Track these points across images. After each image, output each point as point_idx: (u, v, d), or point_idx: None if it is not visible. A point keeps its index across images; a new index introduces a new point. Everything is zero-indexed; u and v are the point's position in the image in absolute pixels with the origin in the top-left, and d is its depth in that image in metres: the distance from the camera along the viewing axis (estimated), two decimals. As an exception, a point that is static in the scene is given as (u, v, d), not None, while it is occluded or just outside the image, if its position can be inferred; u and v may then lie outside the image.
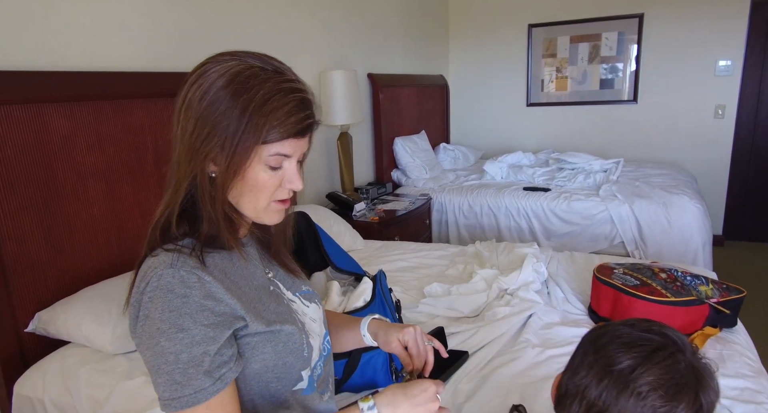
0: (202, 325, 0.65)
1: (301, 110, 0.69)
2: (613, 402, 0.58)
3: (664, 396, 0.57)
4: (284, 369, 0.75)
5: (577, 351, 0.66)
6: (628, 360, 0.59)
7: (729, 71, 3.86)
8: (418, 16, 4.06)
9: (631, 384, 0.57)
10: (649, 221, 2.94)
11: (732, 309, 1.46)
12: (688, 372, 0.58)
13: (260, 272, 0.80)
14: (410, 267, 2.13)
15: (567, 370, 0.66)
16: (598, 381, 0.60)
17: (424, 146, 3.80)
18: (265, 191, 0.72)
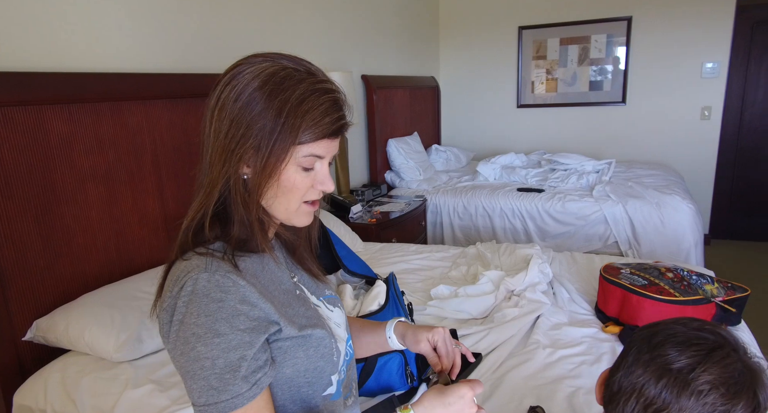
0: (238, 330, 0.64)
1: (335, 110, 0.69)
2: (674, 400, 0.58)
3: (725, 395, 0.57)
4: (315, 373, 0.73)
5: (629, 349, 0.66)
6: (686, 359, 0.59)
7: (715, 73, 3.94)
8: (410, 19, 4.07)
9: (692, 383, 0.58)
10: (642, 221, 2.98)
11: (737, 307, 1.48)
12: (745, 370, 0.59)
13: (286, 276, 0.78)
14: (413, 269, 2.13)
15: (619, 368, 0.66)
16: (657, 379, 0.60)
17: (417, 148, 3.80)
18: (297, 193, 0.71)
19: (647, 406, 0.60)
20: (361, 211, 2.89)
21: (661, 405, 0.59)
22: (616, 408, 0.65)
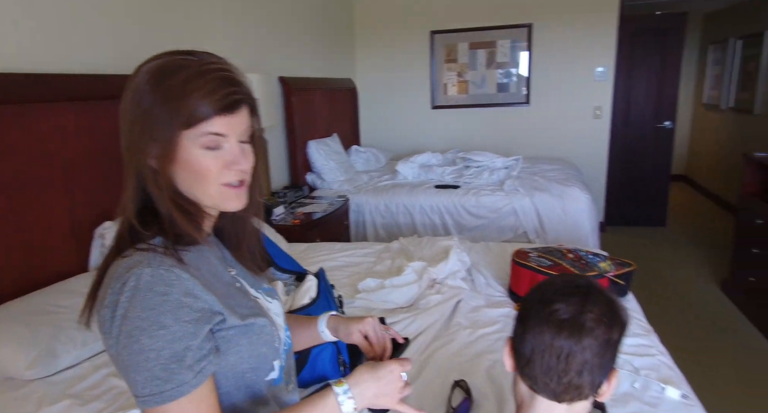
0: (183, 321, 0.66)
1: (223, 86, 0.69)
2: (575, 343, 0.69)
3: (607, 324, 0.70)
4: (258, 359, 0.77)
5: (526, 314, 0.75)
6: (572, 307, 0.70)
7: (604, 77, 4.37)
8: (325, 22, 4.11)
9: (584, 325, 0.69)
10: (547, 212, 3.25)
11: (625, 280, 1.69)
12: (611, 301, 0.73)
13: (224, 270, 0.81)
14: (339, 266, 2.18)
15: (523, 334, 0.75)
16: (557, 331, 0.70)
17: (337, 149, 3.85)
18: (209, 175, 0.71)
19: (558, 356, 0.70)
20: (284, 212, 2.89)
21: (569, 351, 0.69)
22: (533, 368, 0.73)
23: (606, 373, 0.72)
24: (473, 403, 1.21)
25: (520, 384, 0.77)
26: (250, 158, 0.75)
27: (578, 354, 0.69)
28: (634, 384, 1.25)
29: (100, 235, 1.73)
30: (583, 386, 0.71)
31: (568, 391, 0.71)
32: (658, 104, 4.67)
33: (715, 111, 5.64)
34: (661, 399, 1.20)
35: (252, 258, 0.88)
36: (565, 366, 0.70)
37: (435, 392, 1.27)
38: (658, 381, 1.25)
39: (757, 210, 2.87)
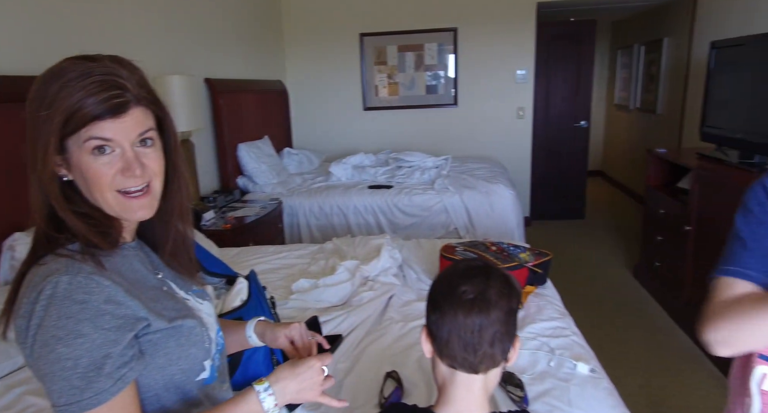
0: (102, 329, 0.65)
1: (103, 90, 0.67)
2: (485, 319, 0.76)
3: (506, 297, 0.78)
4: (188, 360, 0.77)
5: (437, 300, 0.81)
6: (476, 287, 0.78)
7: (525, 79, 4.62)
8: (252, 22, 4.05)
9: (489, 301, 0.77)
10: (476, 208, 3.39)
11: (543, 269, 1.82)
12: (506, 276, 0.82)
13: (150, 274, 0.80)
14: (273, 269, 2.17)
15: (437, 319, 0.80)
16: (467, 311, 0.77)
17: (268, 152, 3.81)
18: (102, 181, 0.70)
19: (473, 332, 0.77)
20: (214, 217, 2.83)
21: (481, 325, 0.76)
22: (452, 347, 0.79)
23: (511, 339, 0.81)
24: (404, 392, 1.26)
25: (440, 365, 0.83)
26: (152, 164, 0.73)
27: (489, 327, 0.77)
28: (550, 363, 1.35)
29: (9, 247, 1.63)
30: (496, 354, 0.79)
31: (484, 361, 0.79)
32: (575, 104, 5.00)
33: (625, 111, 6.11)
34: (573, 374, 1.31)
35: (180, 262, 0.88)
36: (479, 339, 0.77)
37: (368, 384, 1.31)
38: (571, 358, 1.37)
39: (659, 201, 3.15)
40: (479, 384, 0.81)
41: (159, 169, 0.75)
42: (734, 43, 2.83)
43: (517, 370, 1.33)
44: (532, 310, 1.66)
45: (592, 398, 1.20)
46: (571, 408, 1.17)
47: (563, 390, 1.23)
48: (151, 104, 0.74)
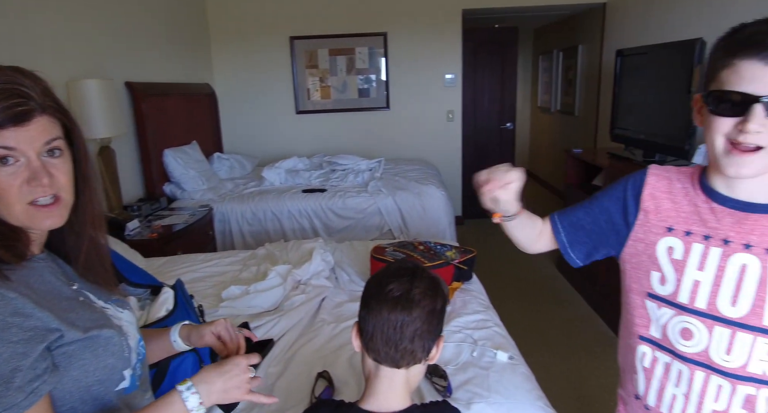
0: (9, 342, 0.63)
1: (4, 98, 0.66)
2: (407, 315, 0.82)
3: (429, 298, 0.84)
4: (105, 371, 0.76)
5: (368, 297, 0.86)
6: (403, 286, 0.83)
7: (453, 83, 4.78)
8: (176, 24, 3.93)
9: (413, 299, 0.82)
10: (408, 209, 3.48)
11: (468, 266, 1.91)
12: (434, 279, 0.87)
13: (64, 285, 0.78)
14: (202, 277, 2.13)
15: (365, 315, 0.85)
16: (392, 308, 0.82)
17: (197, 157, 3.71)
18: (8, 192, 0.68)
19: (395, 327, 0.82)
20: (139, 227, 2.72)
21: (403, 322, 0.82)
22: (376, 342, 0.84)
23: (434, 338, 0.86)
24: (335, 390, 1.29)
25: (367, 359, 0.89)
26: (60, 174, 0.72)
27: (410, 324, 0.82)
28: (472, 354, 1.43)
29: None
30: (416, 350, 0.84)
31: (404, 357, 0.84)
32: (501, 107, 5.24)
33: (547, 113, 6.47)
34: (494, 362, 1.39)
35: (96, 273, 0.86)
36: (400, 335, 0.82)
37: (300, 385, 1.32)
38: (492, 348, 1.45)
39: (577, 198, 3.38)
40: (401, 378, 0.86)
41: (68, 180, 0.74)
42: (637, 51, 3.10)
43: (442, 362, 1.39)
44: (458, 305, 1.74)
45: (509, 383, 1.29)
46: (491, 394, 1.25)
47: (484, 377, 1.31)
48: (57, 112, 0.73)
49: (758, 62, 0.65)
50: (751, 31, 0.67)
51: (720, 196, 0.77)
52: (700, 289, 0.77)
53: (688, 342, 0.79)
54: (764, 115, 0.66)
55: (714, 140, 0.72)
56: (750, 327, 0.74)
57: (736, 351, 0.75)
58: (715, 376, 0.77)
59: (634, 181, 0.87)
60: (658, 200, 0.83)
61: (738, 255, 0.74)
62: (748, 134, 0.67)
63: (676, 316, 0.79)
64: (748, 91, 0.66)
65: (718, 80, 0.71)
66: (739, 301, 0.74)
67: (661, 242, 0.81)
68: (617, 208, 0.88)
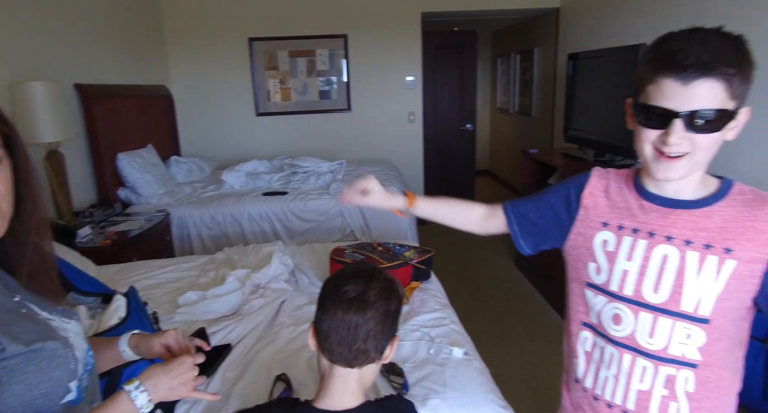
0: None
1: None
2: (362, 317, 0.83)
3: (384, 299, 0.86)
4: (50, 384, 0.74)
5: (324, 298, 0.87)
6: (359, 287, 0.85)
7: (413, 85, 4.84)
8: (129, 25, 3.82)
9: (368, 301, 0.84)
10: (370, 211, 3.49)
11: (427, 265, 1.94)
12: (390, 281, 0.90)
13: (5, 297, 0.76)
14: (159, 284, 2.08)
15: (321, 315, 0.86)
16: (346, 309, 0.84)
17: (153, 161, 3.62)
18: None
19: (349, 328, 0.83)
20: (92, 233, 2.64)
21: (357, 323, 0.83)
22: (330, 342, 0.85)
23: (388, 338, 0.88)
24: (294, 392, 1.30)
25: (322, 359, 0.90)
26: None
27: (364, 325, 0.84)
28: (429, 351, 1.46)
29: None
30: (369, 350, 0.86)
31: (358, 357, 0.85)
32: (461, 109, 5.34)
33: (506, 114, 6.62)
34: (450, 359, 1.43)
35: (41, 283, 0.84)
36: (354, 335, 0.84)
37: (258, 389, 1.32)
38: (448, 344, 1.49)
39: (533, 196, 3.48)
40: (354, 377, 0.88)
41: (6, 188, 0.72)
42: (588, 55, 3.22)
43: (400, 360, 1.42)
44: (416, 304, 1.77)
45: (464, 378, 1.33)
46: (446, 389, 1.28)
47: (439, 373, 1.34)
48: None
49: (677, 81, 0.71)
50: (673, 47, 0.73)
51: (649, 194, 0.84)
52: (628, 278, 0.83)
53: (618, 327, 0.85)
54: (683, 129, 0.73)
55: (643, 148, 0.79)
56: (670, 312, 0.80)
57: (658, 334, 0.81)
58: (640, 358, 0.83)
59: (578, 181, 0.95)
60: (596, 198, 0.90)
61: (661, 246, 0.80)
62: (670, 146, 0.74)
63: (609, 303, 0.86)
64: (669, 107, 0.73)
65: (644, 93, 0.77)
66: (660, 288, 0.80)
67: (597, 236, 0.88)
68: (561, 204, 0.95)
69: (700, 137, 0.73)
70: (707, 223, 0.78)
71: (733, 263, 0.75)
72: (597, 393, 0.90)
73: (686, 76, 0.70)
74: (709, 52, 0.70)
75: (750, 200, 0.78)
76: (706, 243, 0.77)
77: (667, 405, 0.82)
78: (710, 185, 0.81)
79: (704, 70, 0.69)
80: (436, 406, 1.23)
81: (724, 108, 0.72)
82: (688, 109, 0.72)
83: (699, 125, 0.72)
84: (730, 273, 0.76)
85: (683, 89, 0.71)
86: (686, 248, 0.78)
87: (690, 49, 0.70)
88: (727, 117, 0.73)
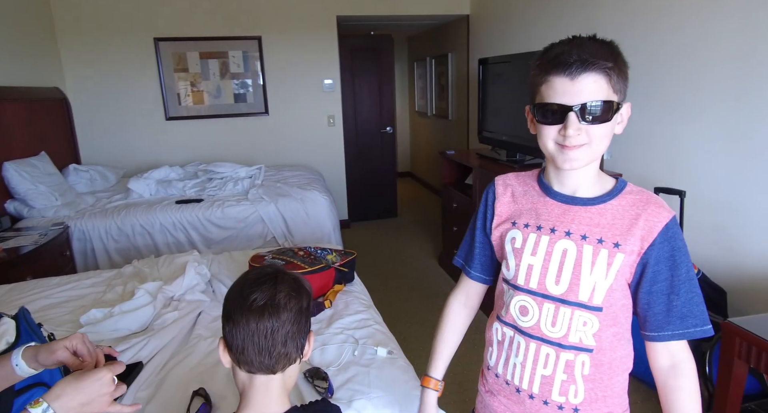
0: None
1: None
2: (277, 321, 0.80)
3: (295, 298, 0.83)
4: None
5: (230, 310, 0.83)
6: (265, 292, 0.81)
7: (332, 88, 4.82)
8: (9, 20, 3.46)
9: (279, 304, 0.81)
10: (292, 216, 3.43)
11: (349, 268, 1.93)
12: (297, 279, 0.87)
13: None
14: (58, 303, 1.89)
15: (231, 329, 0.81)
16: (259, 316, 0.80)
17: (48, 170, 3.31)
18: None
19: (266, 336, 0.80)
20: (-23, 251, 2.35)
21: (272, 328, 0.80)
22: (248, 354, 0.81)
23: (305, 336, 0.86)
24: (212, 406, 1.23)
25: (239, 372, 0.85)
26: None
27: (280, 328, 0.81)
28: (354, 353, 1.45)
29: None
30: (290, 352, 0.84)
31: (280, 361, 0.83)
32: (380, 112, 5.39)
33: (425, 117, 6.79)
34: (374, 359, 1.43)
35: None
36: (272, 341, 0.81)
37: (175, 406, 1.24)
38: (372, 345, 1.48)
39: (453, 196, 3.59)
40: (277, 383, 0.85)
41: None
42: (497, 60, 3.38)
43: (324, 364, 1.39)
44: (340, 307, 1.75)
45: (389, 377, 1.33)
46: (371, 389, 1.27)
47: (365, 374, 1.34)
48: None
49: (565, 78, 0.79)
50: (557, 51, 0.80)
51: (552, 191, 0.91)
52: (532, 271, 0.89)
53: (525, 318, 0.91)
54: (578, 120, 0.80)
55: (546, 144, 0.85)
56: (569, 303, 0.86)
57: (559, 323, 0.87)
58: (544, 346, 0.89)
59: (487, 193, 1.02)
60: (504, 203, 0.97)
61: (561, 241, 0.87)
62: (569, 137, 0.80)
63: (516, 296, 0.92)
64: (562, 102, 0.80)
65: (539, 95, 0.84)
66: (561, 280, 0.87)
67: (508, 235, 0.94)
68: (482, 224, 1.01)
69: (594, 127, 0.80)
70: (600, 219, 0.85)
71: (621, 256, 0.83)
72: (507, 378, 0.95)
73: (572, 71, 0.78)
74: (588, 51, 0.78)
75: (637, 200, 0.86)
76: (599, 238, 0.84)
77: (567, 388, 0.88)
78: (606, 184, 0.89)
79: (586, 64, 0.77)
80: (361, 407, 1.22)
81: (609, 99, 0.80)
82: (579, 102, 0.79)
83: (590, 116, 0.79)
84: (618, 266, 0.83)
85: (572, 84, 0.79)
86: (582, 242, 0.85)
87: (572, 51, 0.78)
88: (614, 108, 0.81)
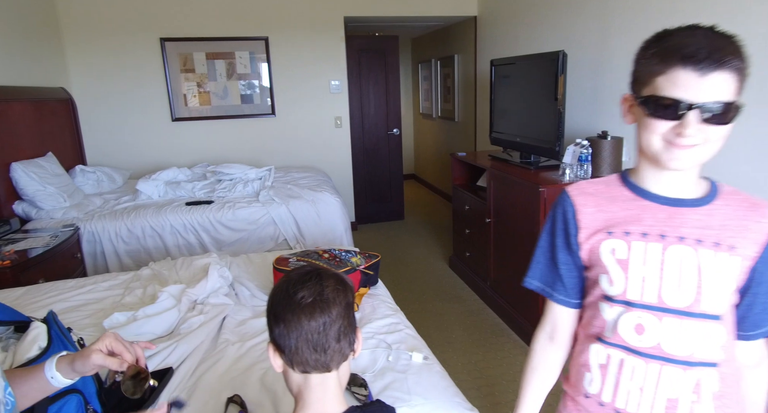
0: None
1: None
2: (329, 319, 0.80)
3: (342, 293, 0.83)
4: None
5: (278, 311, 0.81)
6: (308, 290, 0.81)
7: (339, 89, 4.79)
8: (15, 20, 3.42)
9: (329, 299, 0.81)
10: (303, 218, 3.39)
11: (374, 271, 1.90)
12: (337, 274, 0.87)
13: None
14: (76, 306, 1.86)
15: (282, 330, 0.80)
16: (310, 314, 0.79)
17: (55, 170, 3.26)
18: None
19: (319, 332, 0.79)
20: (-12, 253, 2.31)
21: (325, 324, 0.79)
22: (302, 354, 0.80)
23: (354, 331, 0.85)
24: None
25: (292, 375, 0.83)
26: None
27: (333, 324, 0.80)
28: (388, 358, 1.42)
29: None
30: (343, 347, 0.82)
31: (334, 358, 0.81)
32: (386, 114, 5.36)
33: (430, 119, 6.77)
34: (410, 365, 1.40)
35: None
36: (326, 338, 0.80)
37: (208, 416, 1.20)
38: (407, 350, 1.45)
39: (464, 198, 3.56)
40: (333, 381, 0.84)
41: None
42: (508, 61, 3.36)
43: (359, 370, 1.36)
44: (367, 310, 1.72)
45: (427, 383, 1.30)
46: (411, 396, 1.24)
47: (402, 381, 1.30)
48: None
49: (693, 72, 0.71)
50: (683, 41, 0.72)
51: (650, 194, 0.83)
52: (646, 284, 0.80)
53: (640, 337, 0.81)
54: (698, 120, 0.72)
55: (651, 140, 0.77)
56: (694, 315, 0.78)
57: (685, 338, 0.79)
58: (667, 366, 0.80)
59: (563, 207, 0.90)
60: (588, 214, 0.87)
61: (674, 247, 0.79)
62: (685, 137, 0.73)
63: (628, 312, 0.82)
64: (684, 97, 0.72)
65: (653, 85, 0.75)
66: (682, 291, 0.79)
67: (603, 246, 0.84)
68: (565, 243, 0.89)
69: (713, 128, 0.73)
70: (711, 221, 0.79)
71: (738, 259, 0.77)
72: (618, 406, 0.84)
73: (703, 67, 0.70)
74: (719, 46, 0.71)
75: (741, 200, 0.80)
76: (715, 241, 0.78)
77: (694, 409, 0.80)
78: (702, 184, 0.83)
79: (720, 62, 0.70)
80: (403, 415, 1.19)
81: (734, 101, 0.73)
82: (704, 100, 0.72)
83: (713, 116, 0.72)
84: (738, 270, 0.77)
85: (700, 81, 0.71)
86: (699, 247, 0.78)
87: (702, 44, 0.71)
88: (736, 110, 0.74)
